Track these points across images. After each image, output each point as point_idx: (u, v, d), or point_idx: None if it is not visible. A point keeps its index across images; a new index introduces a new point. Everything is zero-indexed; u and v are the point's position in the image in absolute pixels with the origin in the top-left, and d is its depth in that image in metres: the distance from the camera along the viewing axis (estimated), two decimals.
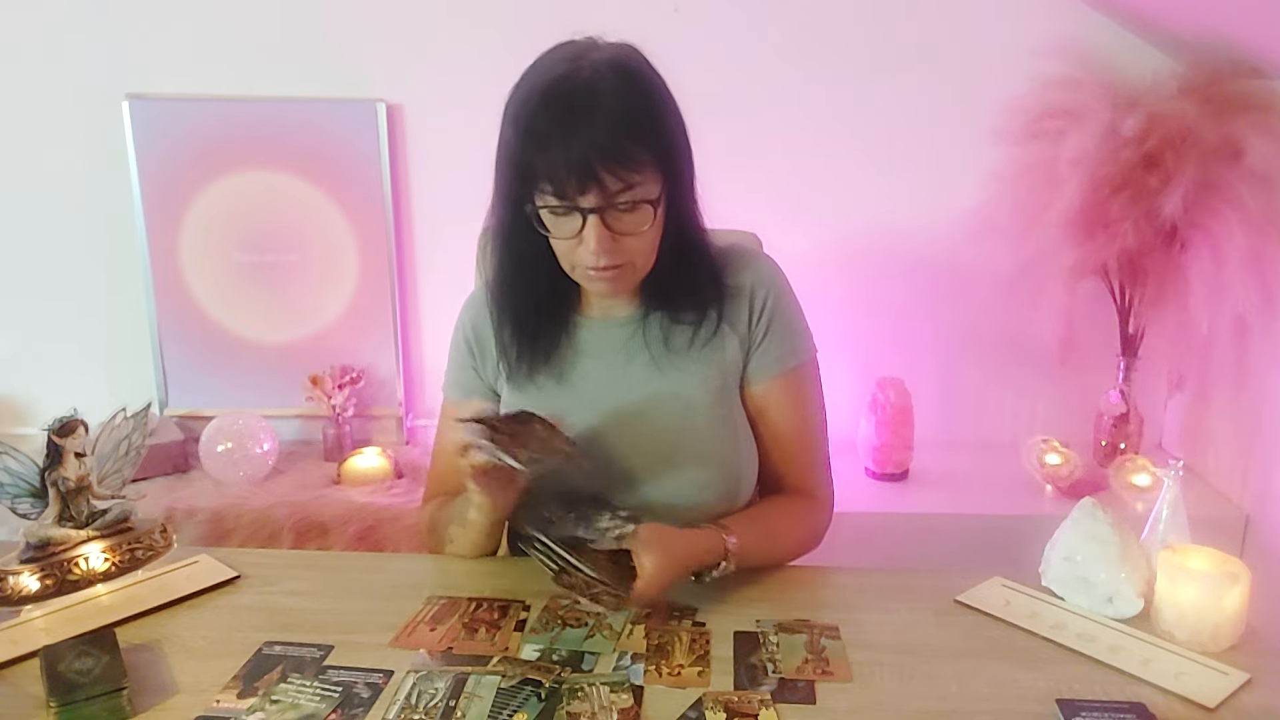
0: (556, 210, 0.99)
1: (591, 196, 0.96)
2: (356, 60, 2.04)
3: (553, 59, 1.00)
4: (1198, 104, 1.67)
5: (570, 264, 1.04)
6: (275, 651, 0.94)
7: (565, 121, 0.95)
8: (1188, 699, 0.86)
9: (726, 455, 1.12)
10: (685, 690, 0.88)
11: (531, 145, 0.97)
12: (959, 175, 1.91)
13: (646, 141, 0.98)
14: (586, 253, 1.00)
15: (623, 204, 0.98)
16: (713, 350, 1.13)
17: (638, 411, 1.11)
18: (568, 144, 0.94)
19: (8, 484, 1.02)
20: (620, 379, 1.13)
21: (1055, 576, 1.05)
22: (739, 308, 1.13)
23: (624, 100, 0.96)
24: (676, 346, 1.12)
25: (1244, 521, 1.80)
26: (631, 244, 1.02)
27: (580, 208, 0.97)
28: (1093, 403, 2.03)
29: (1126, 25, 1.91)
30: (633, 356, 1.13)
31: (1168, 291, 1.78)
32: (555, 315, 1.14)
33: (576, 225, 0.99)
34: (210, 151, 2.06)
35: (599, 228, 0.98)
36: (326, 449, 2.08)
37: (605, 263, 1.01)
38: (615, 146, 0.95)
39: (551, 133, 0.95)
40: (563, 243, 1.02)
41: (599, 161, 0.95)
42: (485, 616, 1.00)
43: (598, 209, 0.97)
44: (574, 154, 0.94)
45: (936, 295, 2.08)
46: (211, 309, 2.14)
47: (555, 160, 0.95)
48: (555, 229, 1.01)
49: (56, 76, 2.05)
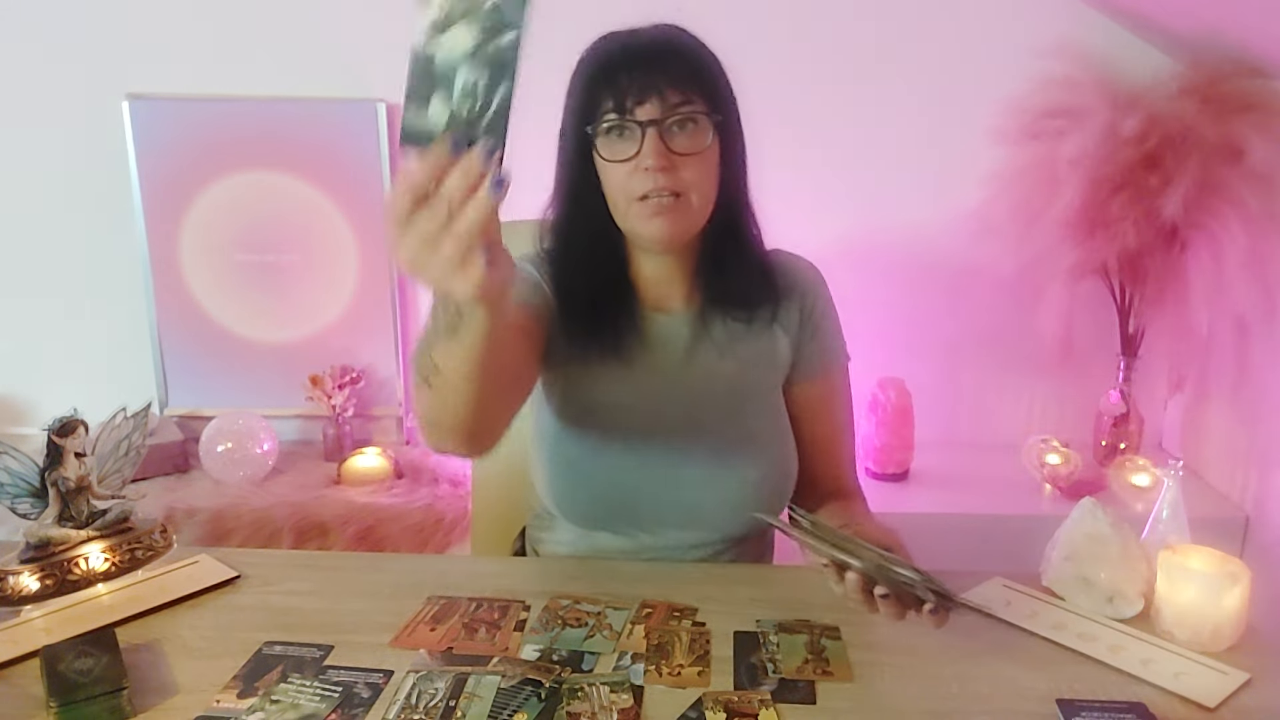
0: (612, 129, 1.00)
1: (651, 106, 0.98)
2: (356, 60, 2.04)
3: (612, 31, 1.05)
4: (1198, 104, 1.67)
5: (628, 198, 1.02)
6: (275, 651, 0.94)
7: (631, 51, 1.01)
8: (1188, 699, 0.86)
9: (781, 448, 1.14)
10: (685, 690, 0.88)
11: (598, 75, 1.01)
12: (959, 175, 1.91)
13: (700, 73, 1.02)
14: (642, 174, 0.99)
15: (681, 115, 1.00)
16: (766, 347, 1.14)
17: (696, 406, 1.11)
18: (632, 63, 0.99)
19: (8, 484, 1.02)
20: (680, 373, 1.12)
21: (1055, 576, 1.05)
22: (790, 310, 1.16)
23: (683, 43, 1.04)
24: (733, 342, 1.13)
25: (1244, 521, 1.80)
26: (689, 170, 1.01)
27: (639, 120, 0.98)
28: (1093, 403, 2.03)
29: (1126, 25, 1.91)
30: (692, 351, 1.13)
31: (1168, 291, 1.78)
32: (617, 300, 1.12)
33: (634, 144, 0.99)
34: (210, 151, 2.06)
35: (657, 141, 0.98)
36: (326, 449, 2.08)
37: (663, 183, 0.99)
38: (676, 62, 1.00)
39: (617, 60, 1.00)
40: (620, 173, 1.01)
41: (661, 74, 0.99)
42: (485, 616, 1.00)
43: (656, 121, 0.98)
44: (637, 70, 0.99)
45: (937, 295, 2.08)
46: (211, 309, 2.14)
47: (618, 77, 0.99)
48: (610, 150, 1.01)
49: (56, 76, 2.05)
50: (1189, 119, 1.66)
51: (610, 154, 1.01)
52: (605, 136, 1.01)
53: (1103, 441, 1.99)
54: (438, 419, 0.89)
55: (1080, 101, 1.75)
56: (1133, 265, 1.82)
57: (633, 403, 1.10)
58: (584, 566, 1.13)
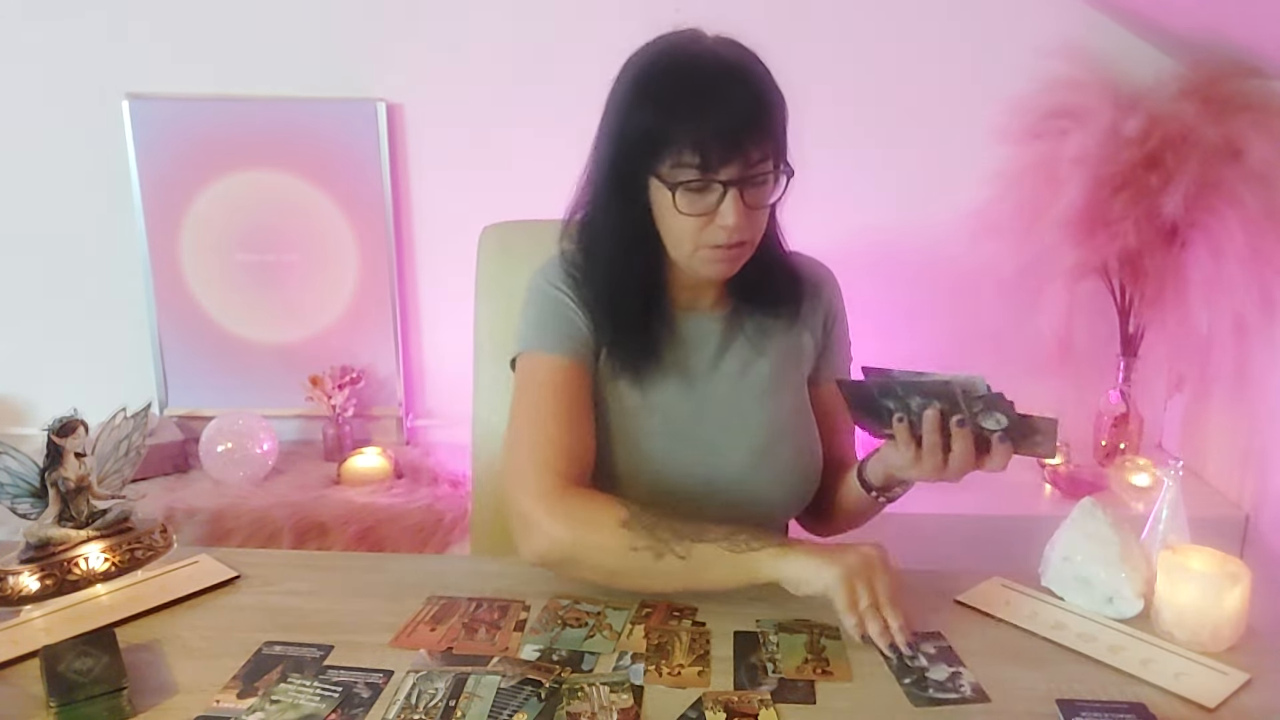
0: (692, 185, 0.98)
1: (734, 168, 0.97)
2: (356, 60, 2.04)
3: (670, 42, 1.02)
4: (1198, 104, 1.67)
5: (694, 245, 1.02)
6: (275, 651, 0.94)
7: (711, 95, 0.96)
8: (1188, 699, 0.86)
9: (809, 446, 1.16)
10: (685, 690, 0.87)
11: (674, 120, 0.97)
12: (960, 175, 1.91)
13: (774, 118, 1.00)
14: (719, 230, 0.99)
15: (759, 176, 0.99)
16: (793, 348, 1.17)
17: (731, 402, 1.12)
18: (717, 115, 0.96)
19: (8, 484, 1.02)
20: (715, 371, 1.13)
21: (1055, 576, 1.05)
22: (815, 310, 1.18)
23: (755, 76, 1.00)
24: (764, 341, 1.14)
25: (1244, 521, 1.80)
26: (756, 220, 1.02)
27: (721, 180, 0.98)
28: (1093, 403, 2.03)
29: (1128, 26, 1.91)
30: (726, 350, 1.14)
31: (1168, 291, 1.78)
32: (650, 306, 1.11)
33: (713, 199, 0.99)
34: (210, 151, 2.06)
35: (737, 201, 0.98)
36: (326, 449, 2.09)
37: (736, 238, 1.00)
38: (756, 118, 0.98)
39: (698, 105, 0.96)
40: (690, 223, 1.00)
41: (744, 132, 0.96)
42: (485, 616, 1.00)
43: (738, 181, 0.98)
44: (723, 124, 0.96)
45: (937, 295, 2.08)
46: (211, 309, 2.14)
47: (704, 132, 0.96)
48: (690, 206, 0.99)
49: (56, 76, 2.05)
50: (1189, 119, 1.66)
51: (688, 208, 0.99)
52: (683, 190, 0.98)
53: (1103, 441, 1.99)
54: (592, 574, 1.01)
55: (1082, 102, 1.75)
56: (1133, 265, 1.82)
57: (669, 403, 1.10)
58: None
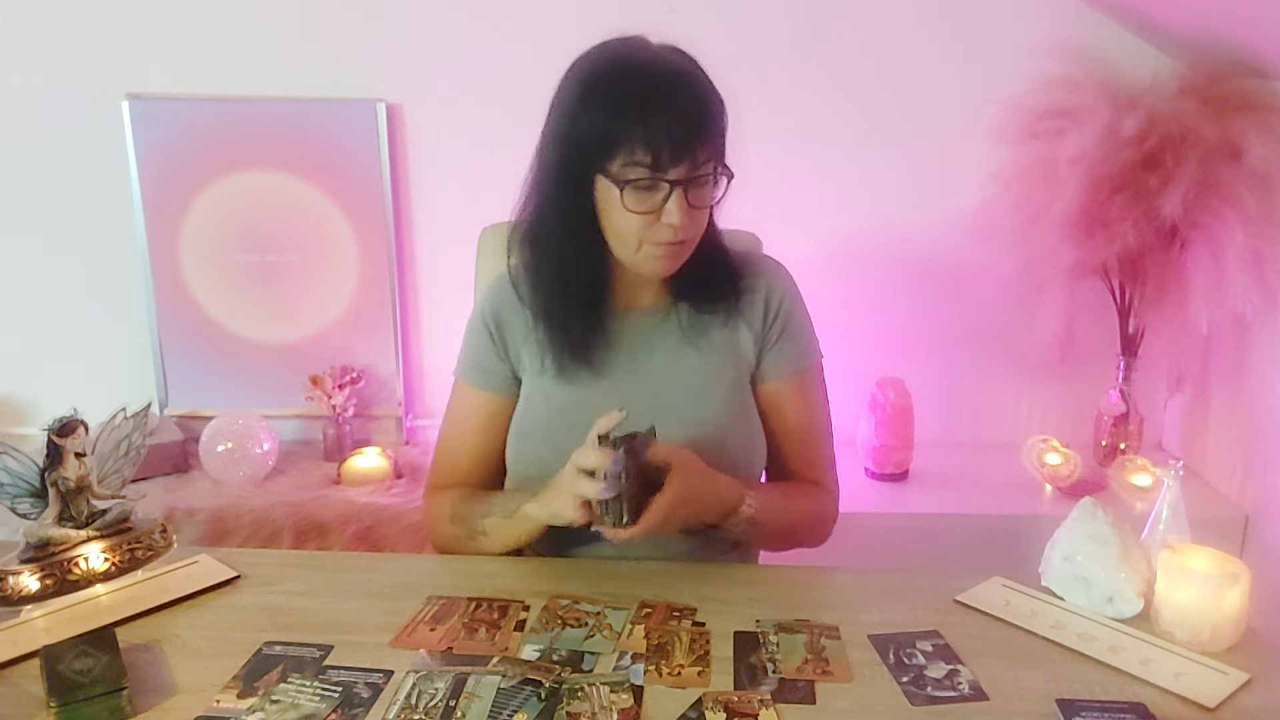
0: (641, 184, 1.00)
1: (683, 167, 1.00)
2: (356, 60, 2.04)
3: (616, 47, 1.04)
4: (1198, 104, 1.67)
5: (639, 242, 1.04)
6: (275, 651, 0.94)
7: (664, 95, 0.99)
8: (1188, 699, 0.86)
9: (742, 441, 1.16)
10: (685, 690, 0.88)
11: (626, 119, 0.98)
12: (959, 175, 1.91)
13: (719, 123, 1.03)
14: (665, 227, 1.02)
15: (703, 177, 1.02)
16: (728, 344, 1.16)
17: (658, 399, 1.13)
18: (670, 115, 0.98)
19: (8, 484, 1.02)
20: (644, 368, 1.15)
21: (1055, 576, 1.05)
22: (754, 306, 1.18)
23: (702, 82, 1.03)
24: (697, 337, 1.15)
25: (1244, 521, 1.80)
26: (699, 219, 1.06)
27: (668, 179, 1.00)
28: (1093, 403, 2.03)
29: (1126, 25, 1.91)
30: (656, 346, 1.16)
31: (1168, 291, 1.78)
32: (590, 305, 1.13)
33: (660, 198, 1.01)
34: (210, 151, 2.06)
35: (682, 200, 1.01)
36: (326, 449, 2.08)
37: (680, 235, 1.03)
38: (706, 121, 1.00)
39: (650, 105, 0.98)
40: (636, 221, 1.02)
41: (695, 133, 0.99)
42: (485, 616, 1.00)
43: (684, 180, 1.00)
44: (675, 125, 0.98)
45: (937, 295, 2.08)
46: (211, 309, 2.14)
47: (658, 131, 0.98)
48: (638, 204, 1.01)
49: (56, 76, 2.05)
50: (1189, 119, 1.66)
51: (636, 206, 1.02)
52: (631, 189, 1.00)
53: (1103, 441, 1.99)
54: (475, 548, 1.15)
55: (1080, 101, 1.75)
56: (1133, 265, 1.82)
57: (596, 399, 1.09)
58: (583, 566, 1.13)
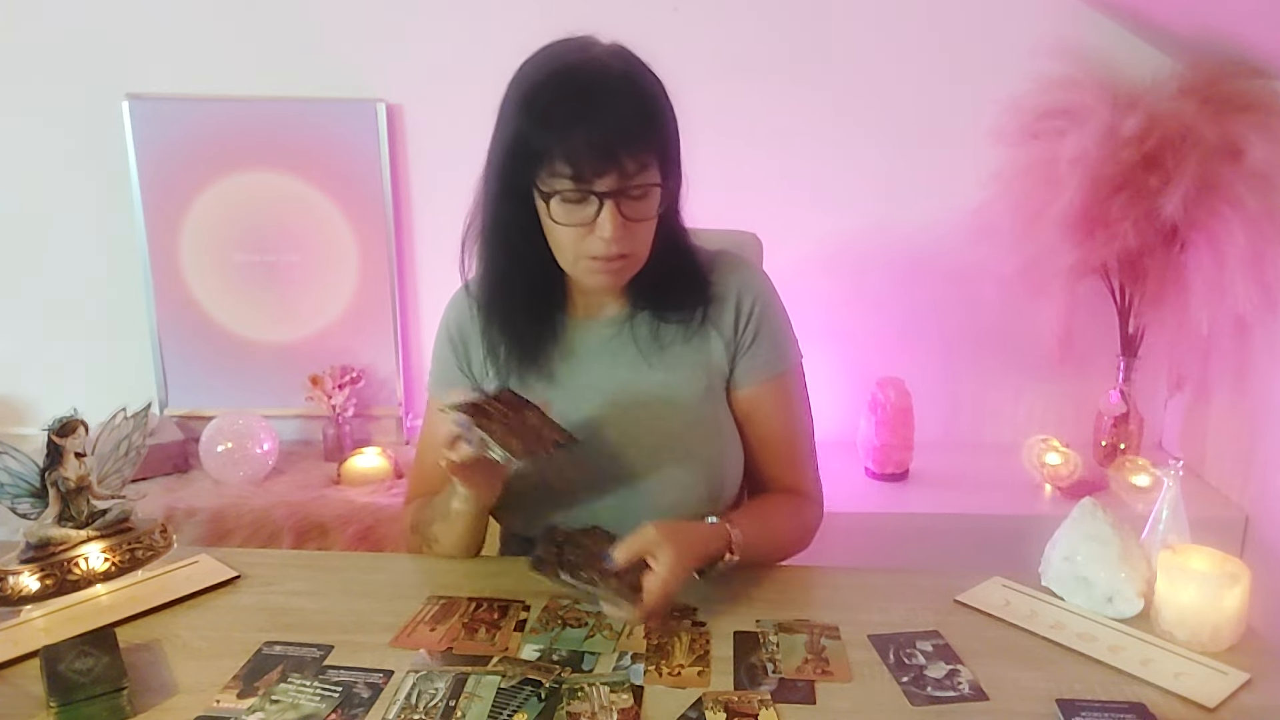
0: (570, 196, 0.98)
1: (610, 179, 0.97)
2: (356, 60, 2.04)
3: (557, 50, 1.02)
4: (1198, 104, 1.67)
5: (575, 256, 1.03)
6: (275, 651, 0.94)
7: (586, 105, 0.96)
8: (1188, 699, 0.86)
9: (711, 455, 1.13)
10: (685, 690, 0.88)
11: (548, 129, 0.96)
12: (959, 176, 1.91)
13: (657, 130, 1.00)
14: (598, 240, 1.00)
15: (636, 189, 0.99)
16: (697, 351, 1.13)
17: (624, 410, 1.11)
18: (590, 126, 0.95)
19: (8, 484, 1.02)
20: (607, 378, 1.12)
21: (1055, 576, 1.05)
22: (725, 312, 1.14)
23: (638, 88, 0.99)
24: (662, 346, 1.12)
25: (1244, 521, 1.80)
26: (638, 233, 1.02)
27: (596, 192, 0.97)
28: (1093, 403, 2.03)
29: (1126, 25, 1.91)
30: (618, 356, 1.13)
31: (1168, 291, 1.78)
32: (543, 315, 1.13)
33: (590, 212, 0.99)
34: (210, 151, 2.06)
35: (614, 213, 0.98)
36: (326, 449, 2.08)
37: (617, 250, 1.00)
38: (634, 130, 0.97)
39: (572, 115, 0.96)
40: (569, 233, 1.01)
41: (620, 144, 0.96)
42: (485, 616, 1.00)
43: (614, 193, 0.97)
44: (595, 136, 0.95)
45: (937, 295, 2.08)
46: (211, 309, 2.14)
47: (576, 142, 0.95)
48: (566, 217, 1.00)
49: (56, 76, 2.05)
50: (1189, 119, 1.66)
51: (564, 219, 1.00)
52: (559, 200, 0.99)
53: (1103, 441, 1.99)
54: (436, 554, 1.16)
55: (1080, 101, 1.75)
56: (1133, 265, 1.82)
57: (560, 411, 1.06)
58: None
